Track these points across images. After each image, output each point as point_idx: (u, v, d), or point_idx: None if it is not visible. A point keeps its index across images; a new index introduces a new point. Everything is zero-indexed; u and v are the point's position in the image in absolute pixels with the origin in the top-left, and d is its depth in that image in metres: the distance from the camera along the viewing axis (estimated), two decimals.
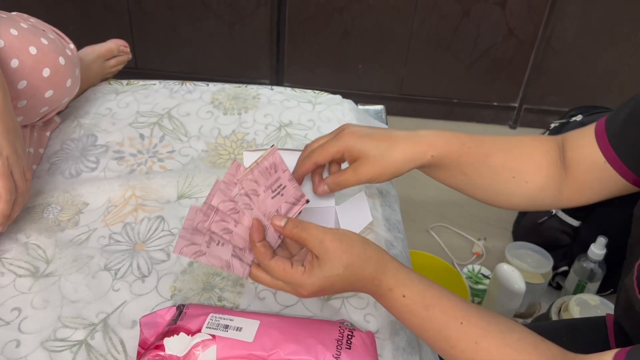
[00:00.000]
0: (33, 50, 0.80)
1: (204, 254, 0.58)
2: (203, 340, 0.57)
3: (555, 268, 1.56)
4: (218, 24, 2.13)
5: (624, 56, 2.08)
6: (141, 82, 1.08)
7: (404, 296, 0.55)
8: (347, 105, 1.05)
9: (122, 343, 0.62)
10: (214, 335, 0.57)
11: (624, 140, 0.61)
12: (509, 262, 1.48)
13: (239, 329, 0.58)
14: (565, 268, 1.58)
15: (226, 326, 0.59)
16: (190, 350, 0.57)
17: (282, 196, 0.60)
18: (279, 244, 0.63)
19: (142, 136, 0.94)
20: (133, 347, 0.62)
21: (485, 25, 2.07)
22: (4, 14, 0.81)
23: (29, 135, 0.89)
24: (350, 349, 0.58)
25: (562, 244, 1.58)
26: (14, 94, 0.79)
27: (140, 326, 0.62)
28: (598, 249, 1.43)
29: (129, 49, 1.15)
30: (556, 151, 0.69)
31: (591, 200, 0.67)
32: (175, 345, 0.57)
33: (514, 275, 1.40)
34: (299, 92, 1.08)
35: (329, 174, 0.69)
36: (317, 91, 1.09)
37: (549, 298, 1.54)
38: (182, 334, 0.58)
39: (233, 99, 1.04)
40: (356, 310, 0.67)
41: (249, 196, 0.58)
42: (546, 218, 1.58)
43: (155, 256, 0.73)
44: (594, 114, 1.55)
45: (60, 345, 0.62)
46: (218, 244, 0.59)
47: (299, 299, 0.68)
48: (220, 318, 0.59)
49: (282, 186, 0.60)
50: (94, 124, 0.97)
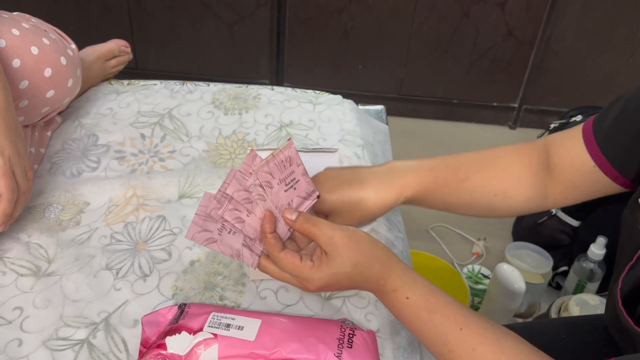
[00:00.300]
0: (35, 50, 0.80)
1: (216, 242, 0.58)
2: (205, 339, 0.57)
3: (555, 268, 1.56)
4: (218, 24, 2.14)
5: (623, 57, 2.08)
6: (142, 82, 1.08)
7: (408, 298, 0.56)
8: (348, 105, 1.05)
9: (124, 342, 0.62)
10: (215, 334, 0.58)
11: (613, 144, 0.61)
12: (508, 262, 1.48)
13: (240, 327, 0.59)
14: (565, 268, 1.58)
15: (228, 325, 0.59)
16: (192, 349, 0.57)
17: (295, 190, 0.61)
18: (288, 236, 0.63)
19: (143, 136, 0.94)
20: (135, 346, 0.62)
21: (484, 25, 2.08)
22: (5, 14, 0.81)
23: (31, 135, 0.89)
24: (351, 347, 0.58)
25: (562, 244, 1.58)
26: (15, 94, 0.79)
27: (142, 325, 0.62)
28: (598, 249, 1.44)
29: (129, 49, 1.16)
30: (537, 160, 0.68)
31: (577, 200, 0.67)
32: (177, 344, 0.57)
33: (514, 275, 1.40)
34: (299, 92, 1.08)
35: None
36: (318, 91, 1.09)
37: (548, 298, 1.54)
38: (184, 333, 0.58)
39: (234, 99, 1.04)
40: (357, 310, 0.68)
41: (262, 187, 0.58)
42: (546, 218, 1.58)
43: (157, 255, 0.73)
44: (594, 114, 1.55)
45: (62, 344, 0.62)
46: (230, 232, 0.59)
47: (300, 298, 0.68)
48: (222, 317, 0.60)
49: (296, 180, 0.61)
50: (95, 123, 0.97)
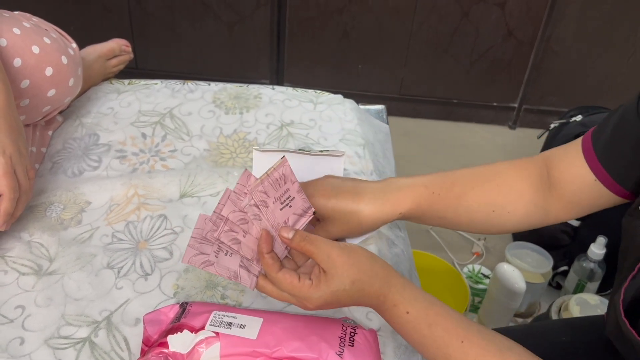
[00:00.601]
0: (36, 50, 0.80)
1: (212, 264, 0.58)
2: (207, 338, 0.57)
3: (555, 268, 1.57)
4: (218, 24, 2.14)
5: (623, 57, 2.08)
6: (143, 82, 1.08)
7: (408, 313, 0.56)
8: (349, 104, 1.05)
9: (126, 340, 0.62)
10: (217, 333, 0.58)
11: (612, 156, 0.61)
12: (509, 262, 1.48)
13: (242, 326, 0.59)
14: (565, 268, 1.59)
15: (229, 323, 0.59)
16: (194, 347, 0.57)
17: (291, 208, 0.60)
18: (286, 254, 0.63)
19: (144, 135, 0.94)
20: (137, 345, 0.62)
21: (484, 26, 2.08)
22: (6, 13, 0.81)
23: (32, 134, 0.89)
24: (353, 346, 0.58)
25: (562, 244, 1.59)
26: (16, 93, 0.79)
27: (144, 324, 0.62)
28: (598, 249, 1.44)
29: (130, 49, 1.16)
30: (537, 175, 0.68)
31: (580, 214, 0.67)
32: (178, 342, 0.58)
33: (514, 275, 1.40)
34: (300, 92, 1.08)
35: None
36: (319, 91, 1.09)
37: (549, 298, 1.54)
38: (186, 332, 0.58)
39: (234, 99, 1.04)
40: (358, 308, 0.68)
41: (258, 207, 0.58)
42: None
43: (158, 254, 0.73)
44: (594, 114, 1.56)
45: (64, 343, 0.62)
46: (226, 254, 0.59)
47: None
48: (224, 315, 0.60)
49: (291, 198, 0.60)
50: (96, 123, 0.97)
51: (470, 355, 0.53)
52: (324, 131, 0.97)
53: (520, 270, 1.43)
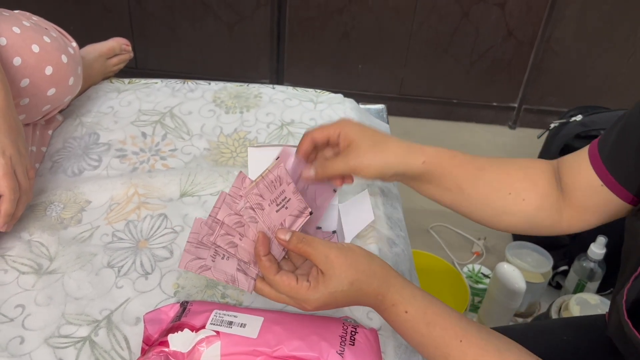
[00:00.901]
0: (36, 49, 0.80)
1: (209, 269, 0.58)
2: (207, 337, 0.57)
3: (555, 267, 1.56)
4: (218, 24, 2.14)
5: (623, 57, 2.08)
6: (143, 81, 1.08)
7: (407, 312, 0.56)
8: (349, 104, 1.05)
9: (126, 339, 0.62)
10: (218, 332, 0.58)
11: (617, 160, 0.61)
12: (509, 262, 1.48)
13: (243, 325, 0.59)
14: (565, 267, 1.59)
15: (230, 322, 0.59)
16: (195, 346, 0.57)
17: (287, 209, 0.60)
18: (283, 256, 0.63)
19: (144, 134, 0.94)
20: (137, 344, 0.62)
21: (484, 26, 2.08)
22: (6, 12, 0.81)
23: (32, 133, 0.89)
24: (354, 345, 0.58)
25: (562, 244, 1.58)
26: (16, 92, 0.79)
27: (145, 323, 0.62)
28: (598, 249, 1.44)
29: (130, 48, 1.16)
30: (551, 172, 0.68)
31: (591, 224, 0.66)
32: (179, 341, 0.57)
33: (514, 274, 1.40)
34: (300, 91, 1.08)
35: (323, 159, 0.70)
36: (319, 90, 1.09)
37: (549, 297, 1.54)
38: (186, 330, 0.58)
39: (235, 98, 1.04)
40: (359, 308, 0.68)
41: (254, 209, 0.58)
42: None
43: (158, 253, 0.73)
44: (594, 114, 1.55)
45: (64, 342, 0.62)
46: (223, 258, 0.59)
47: None
48: (225, 314, 0.60)
49: (287, 199, 0.60)
50: (96, 122, 0.97)
51: (468, 355, 0.53)
52: None
53: (520, 270, 1.43)
